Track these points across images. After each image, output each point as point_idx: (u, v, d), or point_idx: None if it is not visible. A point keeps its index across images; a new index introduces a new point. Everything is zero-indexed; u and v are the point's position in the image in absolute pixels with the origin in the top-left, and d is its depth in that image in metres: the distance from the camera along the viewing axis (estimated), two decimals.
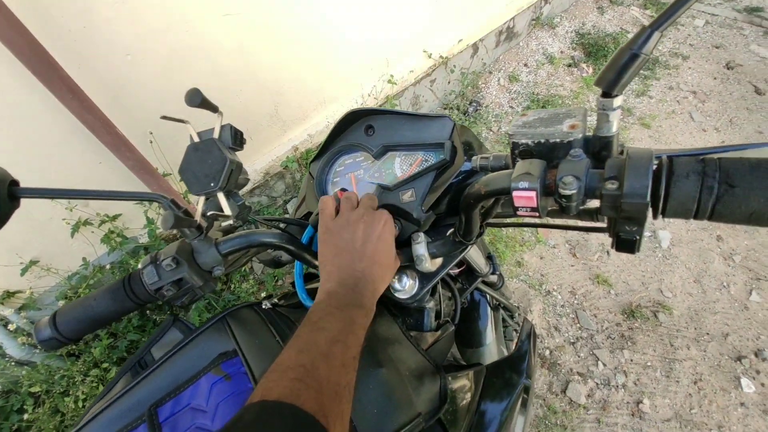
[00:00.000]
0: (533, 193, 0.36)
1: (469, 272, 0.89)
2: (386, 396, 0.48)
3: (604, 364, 1.64)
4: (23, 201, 0.42)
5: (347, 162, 0.72)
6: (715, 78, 2.87)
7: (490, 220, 0.65)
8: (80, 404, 1.27)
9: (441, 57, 2.31)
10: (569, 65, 2.92)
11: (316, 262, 0.58)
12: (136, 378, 0.48)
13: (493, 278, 0.99)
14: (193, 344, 0.49)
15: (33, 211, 1.23)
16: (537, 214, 0.38)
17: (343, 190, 0.61)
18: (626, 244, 0.35)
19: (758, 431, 1.48)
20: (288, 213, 1.94)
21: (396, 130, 0.66)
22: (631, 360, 1.65)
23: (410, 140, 0.64)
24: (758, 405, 1.54)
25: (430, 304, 0.71)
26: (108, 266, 1.43)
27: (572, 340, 1.71)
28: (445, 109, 2.55)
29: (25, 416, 1.26)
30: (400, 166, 0.66)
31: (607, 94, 0.35)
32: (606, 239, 1.93)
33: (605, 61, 2.94)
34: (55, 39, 0.94)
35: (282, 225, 0.65)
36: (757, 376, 1.61)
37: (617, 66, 0.33)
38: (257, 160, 1.77)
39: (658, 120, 2.61)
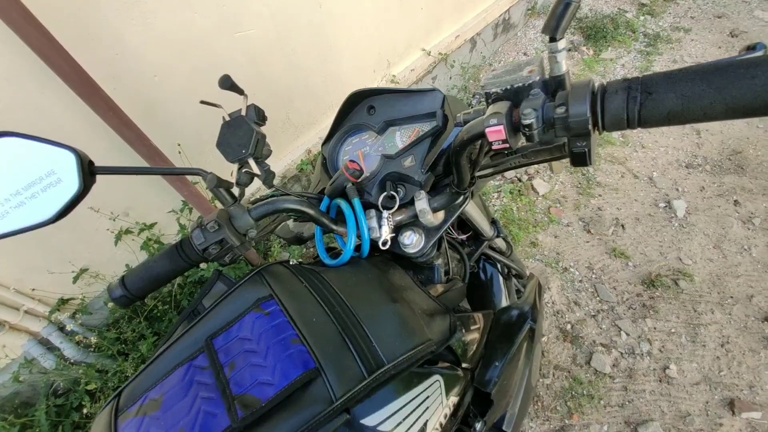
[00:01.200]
0: (501, 127, 0.44)
1: (476, 238, 0.96)
2: (400, 324, 0.55)
3: (628, 334, 1.65)
4: (80, 217, 0.52)
5: (354, 141, 0.81)
6: (719, 47, 2.85)
7: (481, 173, 0.73)
8: None
9: (440, 54, 2.40)
10: (569, 50, 2.95)
11: (333, 226, 0.67)
12: (192, 322, 0.57)
13: (501, 245, 1.06)
14: (236, 293, 0.58)
15: (81, 221, 1.37)
16: (508, 145, 0.46)
17: (352, 161, 0.70)
18: (579, 157, 0.43)
19: None
20: None
21: (394, 107, 0.74)
22: (655, 328, 1.66)
23: (407, 113, 0.72)
24: None
25: (439, 261, 0.79)
26: None
27: (593, 313, 1.73)
28: None
29: (84, 411, 1.39)
30: (400, 138, 0.75)
31: (553, 39, 0.43)
32: (619, 213, 1.96)
33: (605, 42, 2.96)
34: (95, 64, 1.07)
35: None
36: None
37: (556, 14, 0.41)
38: (274, 165, 1.88)
39: None
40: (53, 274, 1.35)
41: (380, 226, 0.67)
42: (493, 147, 0.48)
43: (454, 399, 0.57)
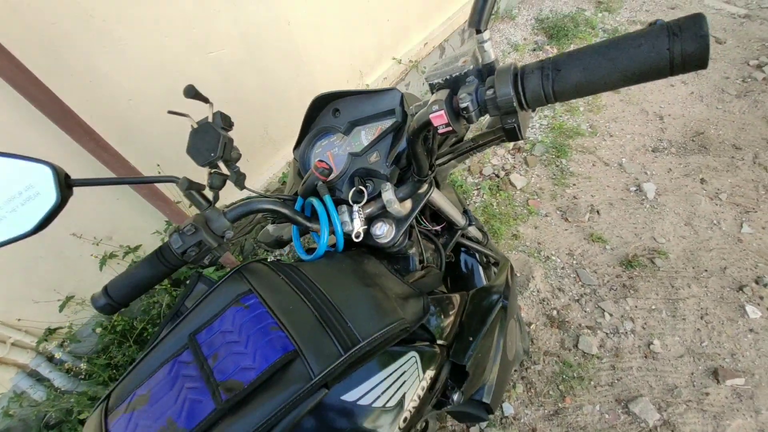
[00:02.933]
0: (442, 112, 0.49)
1: (450, 228, 1.01)
2: (375, 306, 0.59)
3: (611, 315, 1.71)
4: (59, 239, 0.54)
5: (324, 144, 0.85)
6: None
7: (440, 160, 0.78)
8: None
9: (410, 61, 2.48)
10: (534, 50, 3.08)
11: (307, 224, 0.70)
12: (175, 323, 0.60)
13: (477, 234, 1.10)
14: (217, 291, 0.61)
15: (65, 249, 1.37)
16: (451, 128, 0.51)
17: (321, 161, 0.74)
18: (510, 132, 0.48)
19: None
20: None
21: (357, 107, 0.79)
22: (636, 306, 1.72)
23: (369, 113, 0.77)
24: (766, 329, 1.59)
25: (412, 250, 0.83)
26: None
27: (576, 298, 1.78)
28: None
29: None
30: (365, 136, 0.79)
31: (478, 30, 0.48)
32: (593, 200, 2.03)
33: (567, 40, 3.09)
34: (69, 92, 1.10)
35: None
36: (761, 301, 1.66)
37: (477, 9, 0.46)
38: (257, 180, 1.92)
39: None
40: (38, 303, 1.35)
41: (352, 220, 0.71)
42: (439, 131, 0.52)
43: (430, 373, 0.61)
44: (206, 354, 0.54)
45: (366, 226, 0.73)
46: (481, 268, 1.13)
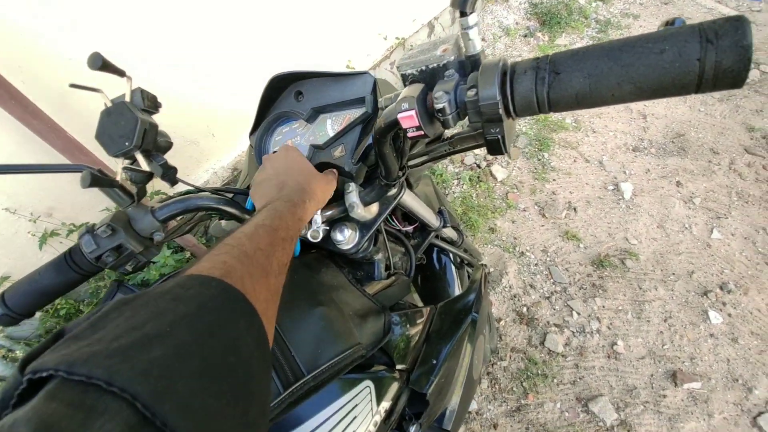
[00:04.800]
0: (413, 112, 0.41)
1: (422, 228, 0.93)
2: (326, 329, 0.51)
3: (579, 313, 1.71)
4: None
5: (284, 131, 0.75)
6: None
7: (413, 162, 0.70)
8: None
9: (397, 39, 2.34)
10: (525, 35, 2.98)
11: None
12: None
13: (452, 235, 1.04)
14: None
15: None
16: (422, 132, 0.42)
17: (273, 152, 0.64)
18: (493, 144, 0.40)
19: (728, 358, 1.57)
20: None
21: (322, 92, 0.69)
22: (603, 306, 1.73)
23: (336, 99, 0.67)
24: (726, 334, 1.63)
25: (378, 256, 0.75)
26: None
27: (547, 295, 1.78)
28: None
29: None
30: (331, 126, 0.70)
31: (463, 13, 0.39)
32: (571, 197, 2.00)
33: (560, 28, 2.99)
34: None
35: (229, 195, 0.68)
36: (724, 307, 1.70)
37: None
38: (222, 157, 1.78)
39: None
40: None
41: (310, 222, 0.62)
42: (408, 134, 0.44)
43: (385, 405, 0.55)
44: None
45: (327, 229, 0.65)
46: (454, 268, 1.07)
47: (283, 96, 0.72)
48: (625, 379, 1.55)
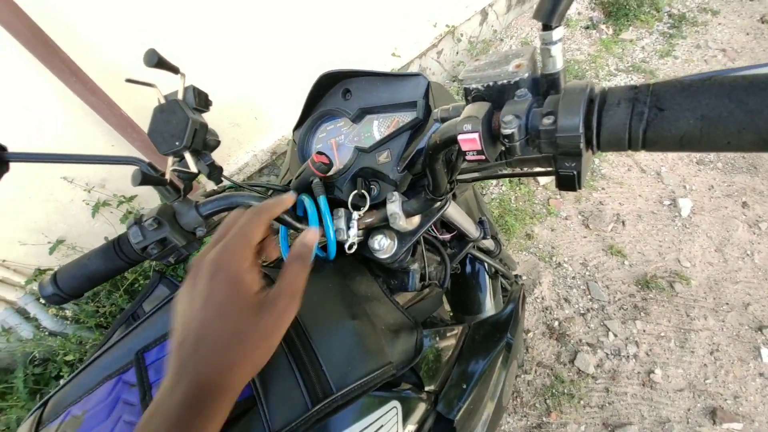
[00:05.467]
0: (476, 135, 0.36)
1: (460, 237, 0.89)
2: (357, 345, 0.50)
3: (615, 335, 1.62)
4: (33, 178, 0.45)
5: (329, 128, 0.73)
6: (747, 33, 2.65)
7: (460, 177, 0.66)
8: None
9: (447, 26, 2.24)
10: (587, 27, 2.76)
11: (297, 225, 0.60)
12: (128, 329, 0.52)
13: (489, 245, 0.99)
14: None
15: (55, 193, 1.31)
16: (483, 157, 0.38)
17: (320, 153, 0.62)
18: (566, 180, 0.35)
19: None
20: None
21: (372, 92, 0.66)
22: (644, 330, 1.62)
23: (386, 101, 0.64)
24: None
25: (414, 266, 0.72)
26: None
27: (582, 312, 1.69)
28: (453, 81, 2.49)
29: (61, 381, 1.39)
30: (378, 128, 0.67)
31: (547, 26, 0.34)
32: (621, 209, 1.88)
33: (627, 20, 2.77)
34: (53, 23, 0.97)
35: (269, 192, 0.67)
36: None
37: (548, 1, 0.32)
38: (263, 140, 1.80)
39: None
40: (25, 245, 1.31)
41: (348, 228, 0.60)
42: (467, 158, 0.40)
43: (411, 428, 0.53)
44: (152, 380, 0.46)
45: (363, 238, 0.63)
46: (488, 278, 1.03)
47: (330, 93, 0.70)
48: (659, 410, 1.46)
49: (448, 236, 0.89)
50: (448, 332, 0.68)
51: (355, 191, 0.62)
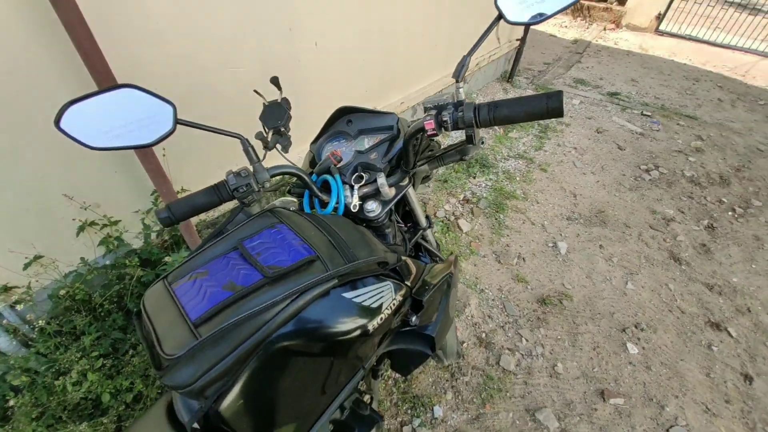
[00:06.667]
0: (432, 120, 0.81)
1: (414, 228, 1.30)
2: (367, 242, 0.83)
3: (527, 340, 2.04)
4: None
5: (334, 144, 1.14)
6: (589, 138, 3.84)
7: (419, 162, 1.10)
8: (70, 387, 1.36)
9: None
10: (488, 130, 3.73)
11: (319, 193, 0.96)
12: (222, 235, 0.80)
13: (432, 241, 1.41)
14: (253, 221, 0.83)
15: (52, 207, 1.43)
16: (436, 132, 0.82)
17: (335, 151, 1.02)
18: (469, 138, 0.80)
19: (644, 381, 1.92)
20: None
21: (365, 121, 1.10)
22: (546, 335, 2.07)
23: (374, 125, 1.09)
24: (642, 363, 2.00)
25: (389, 230, 1.10)
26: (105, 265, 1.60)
27: (501, 324, 2.10)
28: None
29: (10, 402, 1.32)
30: (368, 142, 1.10)
31: (457, 81, 0.82)
32: (521, 249, 2.46)
33: (512, 126, 3.76)
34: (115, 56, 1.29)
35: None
36: (639, 342, 2.10)
37: (458, 68, 0.80)
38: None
39: (552, 166, 3.41)
40: (13, 253, 1.37)
41: (352, 195, 0.98)
42: (427, 134, 0.84)
43: (399, 298, 0.85)
44: (251, 252, 0.74)
45: (360, 202, 1.01)
46: (430, 258, 1.42)
47: (339, 121, 1.12)
48: (564, 394, 1.84)
49: (406, 225, 1.29)
50: (415, 263, 1.03)
51: (356, 173, 1.02)
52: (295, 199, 1.07)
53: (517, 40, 4.58)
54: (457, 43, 3.49)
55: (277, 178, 0.90)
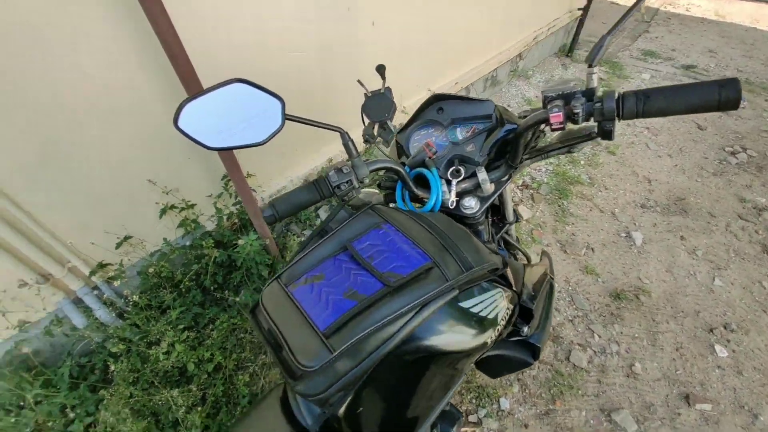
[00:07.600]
0: (561, 113, 0.72)
1: (500, 222, 1.23)
2: (477, 247, 0.75)
3: (599, 336, 1.91)
4: None
5: (423, 133, 1.07)
6: (663, 117, 3.48)
7: (526, 156, 1.01)
8: (161, 356, 1.45)
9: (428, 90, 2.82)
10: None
11: (415, 189, 0.89)
12: (325, 236, 0.77)
13: (512, 231, 1.33)
14: (356, 219, 0.79)
15: (136, 192, 1.52)
16: (563, 126, 0.73)
17: (429, 142, 0.96)
18: (606, 133, 0.69)
19: (734, 387, 1.74)
20: (319, 216, 2.25)
21: (457, 109, 1.01)
22: (621, 332, 1.93)
23: (467, 114, 1.00)
24: (732, 367, 1.82)
25: (482, 227, 1.03)
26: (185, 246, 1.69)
27: (570, 318, 1.99)
28: None
29: (111, 369, 1.44)
30: (460, 132, 1.01)
31: (590, 65, 0.72)
32: (589, 239, 2.30)
33: None
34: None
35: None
36: (728, 344, 1.90)
37: (593, 51, 0.70)
38: (297, 169, 2.12)
39: (621, 148, 3.13)
40: (108, 234, 1.47)
41: (449, 191, 0.91)
42: (553, 127, 0.75)
43: (510, 306, 0.80)
44: (363, 255, 0.70)
45: (457, 198, 0.94)
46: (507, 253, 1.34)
47: (429, 109, 1.05)
48: (643, 396, 1.71)
49: (492, 219, 1.22)
50: (514, 263, 0.96)
51: (453, 167, 0.95)
52: (378, 191, 1.03)
53: (579, 9, 4.20)
54: (513, 17, 3.26)
55: (375, 173, 0.86)
